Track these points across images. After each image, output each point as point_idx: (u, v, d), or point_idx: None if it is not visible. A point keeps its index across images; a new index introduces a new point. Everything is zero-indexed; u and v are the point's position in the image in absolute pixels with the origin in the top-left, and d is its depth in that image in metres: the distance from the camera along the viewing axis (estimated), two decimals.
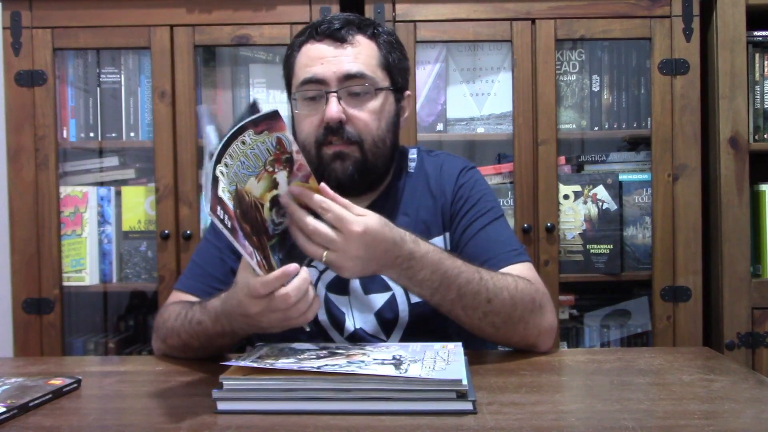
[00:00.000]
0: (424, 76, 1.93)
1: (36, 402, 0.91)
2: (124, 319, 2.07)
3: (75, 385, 1.00)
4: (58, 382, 0.98)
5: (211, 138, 0.89)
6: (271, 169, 0.87)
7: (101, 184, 1.96)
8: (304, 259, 1.01)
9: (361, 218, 0.99)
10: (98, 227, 1.94)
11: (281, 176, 0.88)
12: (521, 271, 1.21)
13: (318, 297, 1.00)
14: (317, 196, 0.97)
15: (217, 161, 0.83)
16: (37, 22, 1.87)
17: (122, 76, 1.95)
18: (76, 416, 0.89)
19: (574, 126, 1.94)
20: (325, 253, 0.98)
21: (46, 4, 1.86)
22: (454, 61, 1.95)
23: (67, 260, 1.90)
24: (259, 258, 0.92)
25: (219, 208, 0.84)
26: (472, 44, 1.93)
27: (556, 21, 1.85)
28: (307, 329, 1.04)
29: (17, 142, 1.87)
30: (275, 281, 0.93)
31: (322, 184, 0.98)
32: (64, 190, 1.91)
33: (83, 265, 1.91)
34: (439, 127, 1.94)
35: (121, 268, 1.95)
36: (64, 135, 1.94)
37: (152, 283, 1.92)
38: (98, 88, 1.95)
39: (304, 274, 0.96)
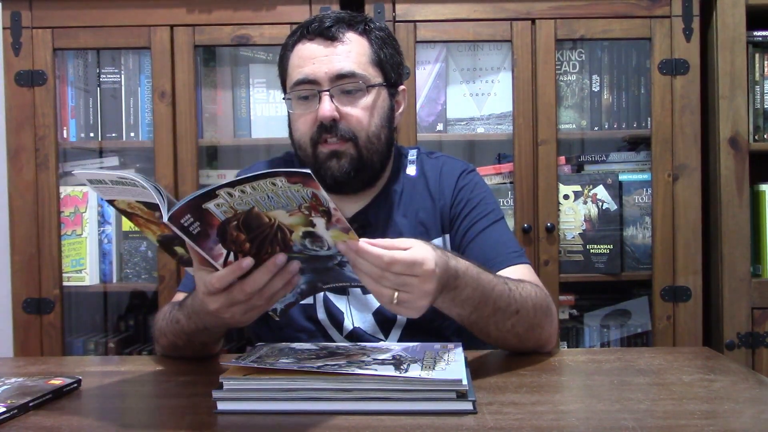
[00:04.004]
0: (424, 76, 1.93)
1: (36, 402, 0.91)
2: (124, 319, 2.07)
3: (75, 385, 1.00)
4: (58, 382, 0.98)
5: (102, 172, 0.90)
6: (307, 213, 0.87)
7: None
8: (339, 282, 1.01)
9: (427, 254, 0.93)
10: (98, 227, 1.94)
11: (319, 221, 0.88)
12: (522, 272, 1.21)
13: (291, 283, 0.96)
14: (376, 251, 0.90)
15: (228, 185, 0.82)
16: (37, 22, 1.87)
17: (122, 76, 1.95)
18: (76, 416, 0.89)
19: (574, 126, 1.94)
20: (396, 294, 0.92)
21: (46, 4, 1.86)
22: (454, 61, 1.95)
23: (67, 260, 1.90)
24: (232, 259, 0.92)
25: (188, 216, 0.84)
26: (472, 44, 1.93)
27: (556, 21, 1.85)
28: (277, 318, 1.04)
29: (17, 142, 1.87)
30: (228, 275, 0.92)
31: (362, 240, 0.92)
32: (64, 190, 1.91)
33: (83, 265, 1.91)
34: (439, 127, 1.94)
35: (121, 268, 1.95)
36: (64, 135, 1.94)
37: (152, 283, 1.92)
38: (98, 88, 1.95)
39: (265, 267, 0.92)
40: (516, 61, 1.86)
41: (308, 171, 0.82)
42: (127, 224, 1.94)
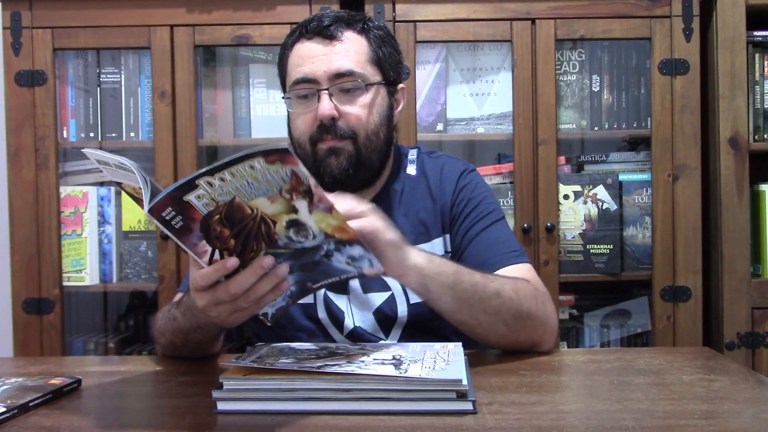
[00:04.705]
0: (424, 76, 1.93)
1: (36, 402, 0.91)
2: (124, 319, 2.07)
3: (75, 385, 1.00)
4: (58, 382, 0.98)
5: (107, 154, 0.89)
6: (288, 197, 0.86)
7: (101, 184, 1.96)
8: (328, 279, 1.01)
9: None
10: (98, 227, 1.94)
11: (302, 205, 0.87)
12: (521, 271, 1.21)
13: (280, 288, 0.95)
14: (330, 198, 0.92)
15: (207, 174, 0.81)
16: (37, 22, 1.87)
17: (122, 76, 1.95)
18: (76, 416, 0.89)
19: (574, 126, 1.94)
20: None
21: (46, 4, 1.86)
22: (454, 61, 1.95)
23: (67, 260, 1.90)
24: (218, 258, 0.91)
25: (169, 209, 0.83)
26: (472, 44, 1.93)
27: (556, 21, 1.85)
28: (268, 324, 1.04)
29: (17, 142, 1.87)
30: (212, 273, 0.91)
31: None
32: (64, 190, 1.91)
33: (83, 265, 1.91)
34: (439, 127, 1.94)
35: (121, 268, 1.95)
36: (64, 135, 1.94)
37: (152, 283, 1.92)
38: (98, 88, 1.95)
39: (251, 268, 0.92)
40: (516, 61, 1.86)
41: (285, 146, 0.80)
42: (127, 224, 1.94)
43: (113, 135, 1.94)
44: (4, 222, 1.91)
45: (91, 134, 1.94)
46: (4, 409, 0.86)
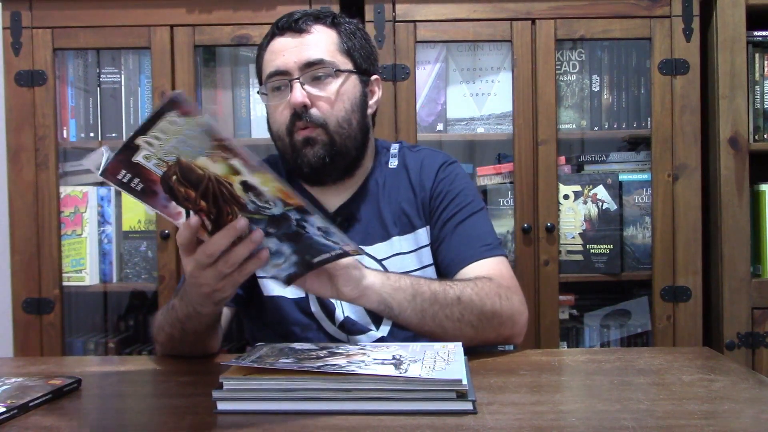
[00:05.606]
0: (424, 76, 1.93)
1: (36, 402, 0.91)
2: (124, 319, 2.07)
3: (75, 385, 1.00)
4: (58, 382, 0.98)
5: (90, 157, 0.89)
6: (223, 155, 0.84)
7: (101, 184, 1.96)
8: (323, 254, 1.01)
9: None
10: (98, 227, 1.94)
11: (237, 164, 0.85)
12: (492, 265, 1.23)
13: (260, 258, 0.96)
14: None
15: (141, 133, 0.81)
16: (37, 22, 1.86)
17: (122, 76, 1.95)
18: (76, 416, 0.89)
19: (574, 126, 1.94)
20: None
21: (46, 4, 1.86)
22: (454, 61, 1.95)
23: (67, 260, 1.90)
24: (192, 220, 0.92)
25: (124, 171, 0.84)
26: (472, 44, 1.93)
27: (556, 21, 1.85)
28: (285, 285, 1.05)
29: (17, 142, 1.87)
30: (183, 230, 0.92)
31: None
32: (64, 190, 1.91)
33: (83, 265, 1.91)
34: (439, 127, 1.94)
35: (121, 268, 1.95)
36: (64, 135, 1.94)
37: (152, 283, 1.92)
38: (98, 88, 1.95)
39: (225, 229, 0.92)
40: (516, 61, 1.86)
41: (177, 92, 0.79)
42: (127, 224, 1.94)
43: (113, 135, 1.94)
44: (4, 222, 1.91)
45: (91, 134, 1.94)
46: (4, 409, 0.86)
